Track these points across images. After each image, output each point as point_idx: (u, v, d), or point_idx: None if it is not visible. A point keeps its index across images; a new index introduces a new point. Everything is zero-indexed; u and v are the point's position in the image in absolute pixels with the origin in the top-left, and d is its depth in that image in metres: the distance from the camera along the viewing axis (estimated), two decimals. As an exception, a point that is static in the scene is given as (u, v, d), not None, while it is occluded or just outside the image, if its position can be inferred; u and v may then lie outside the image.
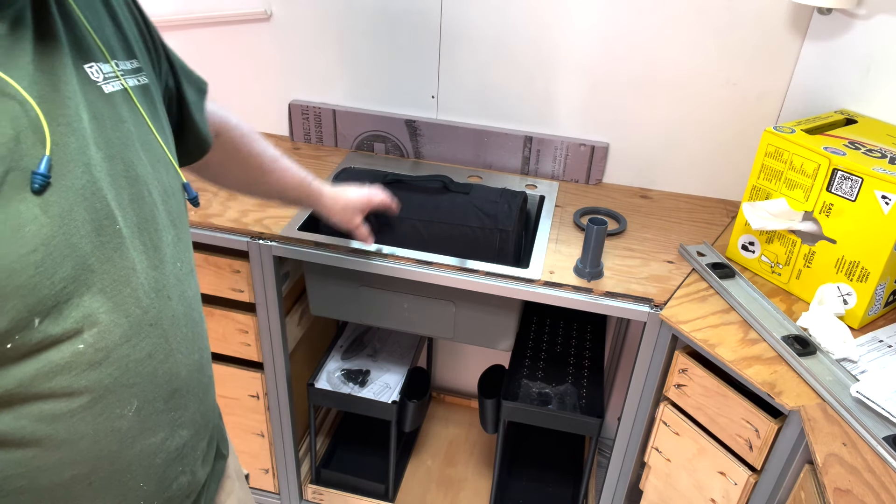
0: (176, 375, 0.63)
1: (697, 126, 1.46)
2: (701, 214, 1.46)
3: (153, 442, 0.62)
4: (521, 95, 1.52)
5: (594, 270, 1.20)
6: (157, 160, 0.63)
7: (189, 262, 0.68)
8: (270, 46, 1.59)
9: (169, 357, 0.62)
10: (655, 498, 1.26)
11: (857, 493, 0.80)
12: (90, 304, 0.54)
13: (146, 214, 0.60)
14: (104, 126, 0.56)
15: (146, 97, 0.64)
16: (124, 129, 0.59)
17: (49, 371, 0.52)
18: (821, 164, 1.08)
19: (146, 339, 0.59)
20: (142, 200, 0.59)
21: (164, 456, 0.64)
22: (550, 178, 1.58)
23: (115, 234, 0.56)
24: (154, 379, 0.61)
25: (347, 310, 1.40)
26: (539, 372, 1.53)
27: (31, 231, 0.48)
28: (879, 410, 0.90)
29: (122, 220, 0.57)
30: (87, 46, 0.58)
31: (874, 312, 1.12)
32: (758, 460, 1.03)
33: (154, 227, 0.61)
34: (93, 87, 0.57)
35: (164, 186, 0.63)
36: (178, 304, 0.64)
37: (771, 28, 1.33)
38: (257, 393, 1.49)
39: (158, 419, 0.62)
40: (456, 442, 1.89)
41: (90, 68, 0.57)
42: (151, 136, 0.63)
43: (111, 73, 0.59)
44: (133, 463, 0.61)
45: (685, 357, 1.11)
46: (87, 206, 0.53)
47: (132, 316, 0.57)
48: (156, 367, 0.60)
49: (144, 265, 0.59)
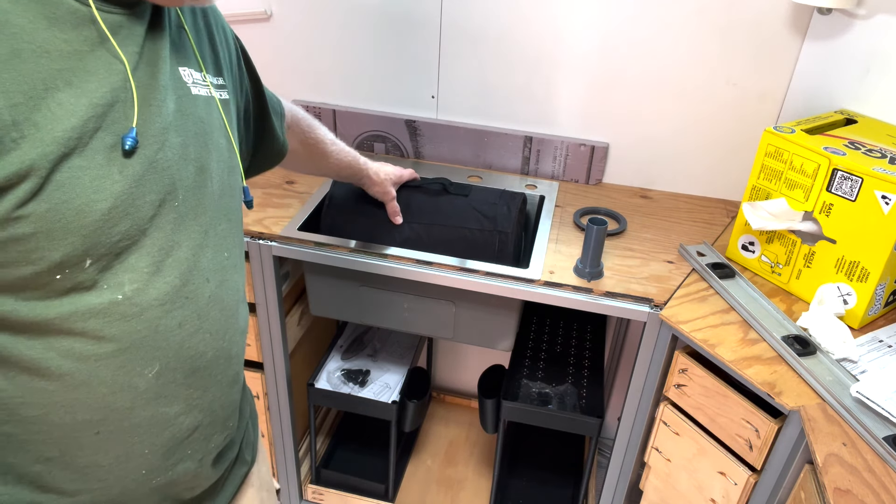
0: (201, 354, 0.66)
1: (697, 126, 1.46)
2: (701, 214, 1.46)
3: (166, 412, 0.64)
4: (521, 95, 1.52)
5: (594, 270, 1.20)
6: (224, 160, 0.69)
7: (237, 256, 0.72)
8: (270, 46, 1.59)
9: (197, 333, 0.65)
10: (655, 498, 1.26)
11: (857, 493, 0.80)
12: (137, 262, 0.58)
13: (205, 202, 0.65)
14: (186, 119, 0.63)
15: (226, 109, 0.71)
16: (202, 127, 0.65)
17: (86, 311, 0.56)
18: (821, 164, 1.08)
19: (179, 310, 0.62)
20: (203, 188, 0.65)
21: (175, 430, 0.66)
22: (550, 178, 1.58)
23: (173, 210, 0.61)
24: (179, 350, 0.63)
25: (347, 310, 1.40)
26: (539, 372, 1.53)
27: (106, 184, 0.54)
28: (879, 410, 0.90)
29: (182, 200, 0.62)
30: (186, 53, 0.66)
31: (874, 312, 1.12)
32: (758, 460, 1.03)
33: (210, 214, 0.66)
34: (182, 86, 0.64)
35: (226, 183, 0.69)
36: (218, 289, 0.67)
37: (771, 28, 1.33)
38: (257, 393, 1.49)
39: (176, 391, 0.64)
40: (456, 442, 1.89)
41: (184, 71, 0.64)
42: (224, 139, 0.69)
43: (201, 80, 0.67)
44: (142, 425, 0.63)
45: (685, 357, 1.11)
46: (156, 179, 0.58)
47: (172, 284, 0.61)
48: (183, 339, 0.63)
49: (193, 244, 0.64)
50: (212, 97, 0.68)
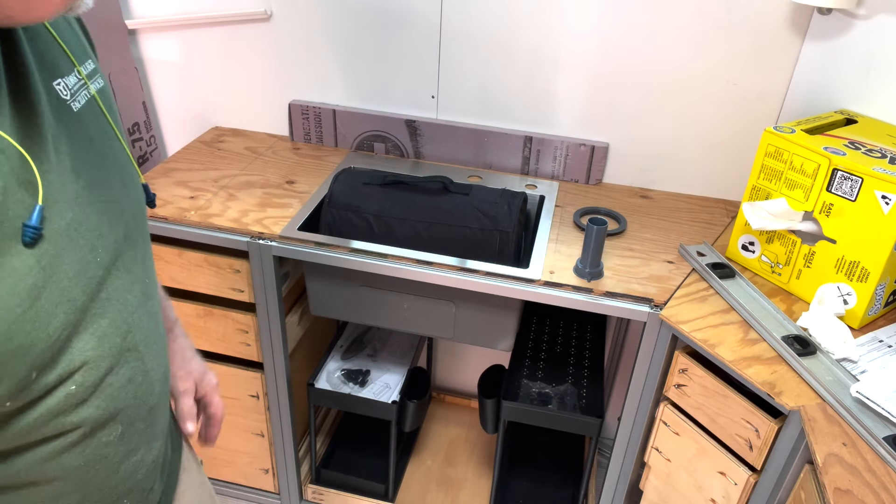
0: (151, 393, 0.63)
1: (697, 126, 1.46)
2: (701, 214, 1.46)
3: (135, 460, 0.63)
4: (521, 95, 1.52)
5: (594, 270, 1.20)
6: (124, 174, 0.61)
7: (153, 274, 0.66)
8: (270, 46, 1.59)
9: (146, 378, 0.62)
10: (655, 498, 1.26)
11: (857, 493, 0.80)
12: (80, 345, 0.52)
13: (120, 238, 0.58)
14: (79, 151, 0.53)
15: (106, 99, 0.62)
16: (96, 149, 0.56)
17: (44, 418, 0.51)
18: (821, 164, 1.08)
19: (126, 366, 0.58)
20: (118, 223, 0.57)
21: (144, 470, 0.65)
22: (550, 178, 1.58)
23: (98, 267, 0.54)
24: (135, 402, 0.60)
25: (347, 310, 1.40)
26: (539, 372, 1.53)
27: (25, 286, 0.45)
28: (879, 410, 0.90)
29: (102, 251, 0.54)
30: (53, 59, 0.54)
31: (874, 312, 1.12)
32: (758, 460, 1.03)
33: (127, 248, 0.59)
34: (64, 108, 0.53)
35: (133, 201, 0.62)
36: (149, 322, 0.63)
37: (771, 28, 1.33)
38: (257, 393, 1.49)
39: (139, 438, 0.63)
40: (456, 442, 1.89)
41: (58, 85, 0.54)
42: (117, 144, 0.61)
43: (77, 83, 0.56)
44: (119, 484, 0.62)
45: (685, 357, 1.11)
46: (72, 246, 0.50)
47: (114, 346, 0.56)
48: (136, 390, 0.60)
49: (120, 292, 0.57)
50: (91, 98, 0.58)
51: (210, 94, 1.69)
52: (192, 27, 1.59)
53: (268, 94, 1.66)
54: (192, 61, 1.64)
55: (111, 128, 0.60)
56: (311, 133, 1.66)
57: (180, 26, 1.60)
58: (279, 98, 1.66)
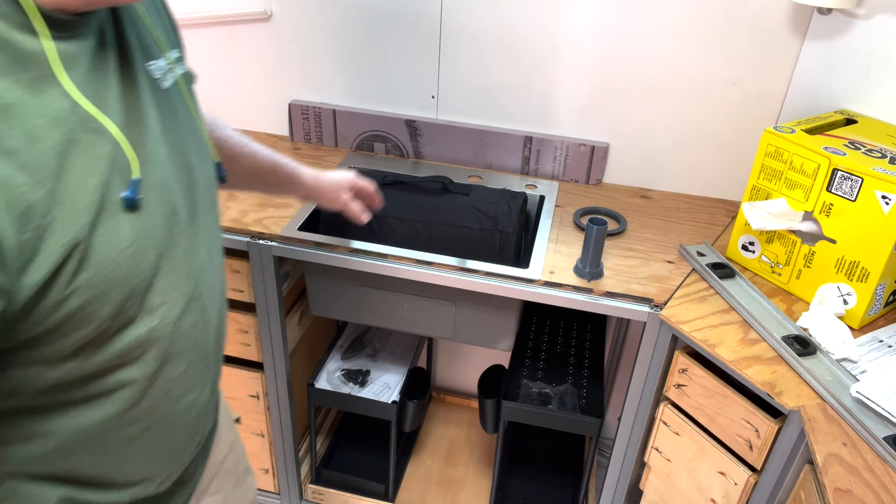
0: (209, 341, 0.71)
1: (697, 126, 1.46)
2: (701, 214, 1.46)
3: (191, 399, 0.71)
4: (521, 95, 1.52)
5: (594, 270, 1.20)
6: (200, 148, 0.69)
7: (219, 237, 0.75)
8: (270, 46, 1.59)
9: (206, 325, 0.70)
10: (655, 498, 1.26)
11: (857, 493, 0.80)
12: (162, 285, 0.61)
13: (196, 200, 0.67)
14: (167, 123, 0.63)
15: (188, 84, 0.70)
16: (180, 124, 0.65)
17: (131, 344, 0.60)
18: (821, 164, 1.08)
19: (193, 312, 0.67)
20: (194, 188, 0.66)
21: (197, 410, 0.73)
22: (550, 178, 1.58)
23: (178, 221, 0.63)
24: (196, 345, 0.69)
25: (347, 310, 1.40)
26: (539, 372, 1.53)
27: (126, 233, 0.55)
28: (879, 410, 0.90)
29: (181, 209, 0.63)
30: (148, 43, 0.63)
31: (874, 312, 1.12)
32: (758, 460, 1.03)
33: (201, 211, 0.68)
34: (156, 86, 0.62)
35: (206, 172, 0.70)
36: (213, 279, 0.71)
37: (771, 28, 1.33)
38: (257, 393, 1.49)
39: (196, 379, 0.71)
40: (456, 442, 1.89)
41: (151, 66, 0.62)
42: (195, 123, 0.69)
43: (165, 67, 0.65)
44: (178, 417, 0.70)
45: (685, 357, 1.11)
46: (160, 200, 0.60)
47: (185, 293, 0.65)
48: (197, 335, 0.68)
49: (193, 247, 0.66)
50: (176, 82, 0.67)
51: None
52: (192, 27, 1.59)
53: (268, 94, 1.66)
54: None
55: (191, 109, 0.69)
56: (311, 133, 1.66)
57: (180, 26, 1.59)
58: (279, 98, 1.66)
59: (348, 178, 1.14)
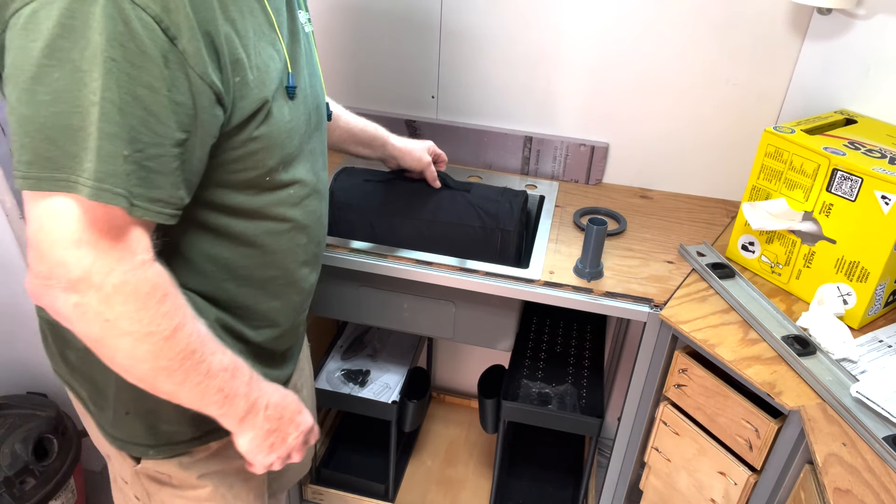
0: (320, 233, 0.91)
1: (697, 126, 1.46)
2: (701, 214, 1.46)
3: (306, 271, 0.90)
4: (521, 95, 1.52)
5: (594, 270, 1.20)
6: (320, 84, 0.90)
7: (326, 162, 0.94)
8: (270, 46, 1.59)
9: (322, 216, 0.90)
10: (655, 498, 1.26)
11: (857, 493, 0.80)
12: (299, 166, 0.81)
13: (320, 119, 0.88)
14: (308, 57, 0.84)
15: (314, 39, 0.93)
16: (312, 59, 0.87)
17: (277, 201, 0.79)
18: (821, 164, 1.09)
19: (315, 200, 0.86)
20: (319, 109, 0.87)
21: (307, 286, 0.92)
22: (550, 178, 1.58)
23: (309, 126, 0.82)
24: (314, 228, 0.88)
25: (347, 310, 1.40)
26: (539, 372, 1.53)
27: (286, 112, 0.75)
28: (879, 410, 0.90)
29: (313, 119, 0.84)
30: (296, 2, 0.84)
31: (874, 312, 1.12)
32: (758, 460, 1.03)
33: (321, 128, 0.89)
34: (301, 28, 0.83)
35: (323, 102, 0.91)
36: (324, 187, 0.90)
37: (771, 28, 1.33)
38: (257, 393, 1.49)
39: (310, 256, 0.89)
40: (456, 442, 1.89)
41: (300, 14, 0.84)
42: (318, 67, 0.91)
43: (305, 19, 0.86)
44: (297, 279, 0.88)
45: (685, 357, 1.12)
46: (304, 102, 0.80)
47: (311, 183, 0.85)
48: (317, 220, 0.88)
49: (318, 151, 0.87)
50: (310, 33, 0.88)
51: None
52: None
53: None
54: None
55: (315, 55, 0.90)
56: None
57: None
58: (279, 98, 1.66)
59: (428, 144, 1.33)
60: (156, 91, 0.60)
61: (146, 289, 0.64)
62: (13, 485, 1.35)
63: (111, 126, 0.58)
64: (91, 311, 0.62)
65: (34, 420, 1.45)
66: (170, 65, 0.60)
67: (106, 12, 0.56)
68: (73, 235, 0.59)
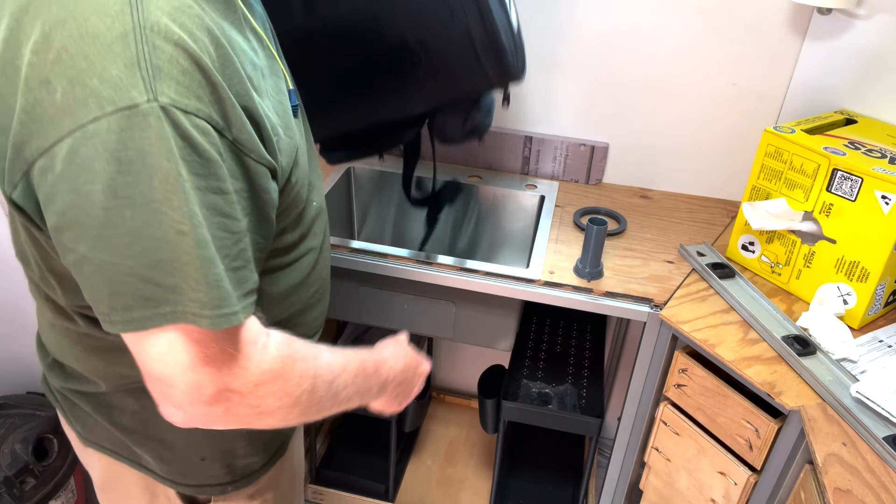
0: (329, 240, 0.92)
1: (697, 126, 1.46)
2: (701, 214, 1.46)
3: (328, 273, 0.91)
4: (521, 95, 1.52)
5: (594, 270, 1.20)
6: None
7: None
8: (270, 46, 1.58)
9: (326, 239, 0.89)
10: (655, 498, 1.26)
11: (857, 493, 0.80)
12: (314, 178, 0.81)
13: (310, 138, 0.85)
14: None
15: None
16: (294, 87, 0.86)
17: (311, 217, 0.80)
18: (821, 164, 1.09)
19: (322, 223, 0.86)
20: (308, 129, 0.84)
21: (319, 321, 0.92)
22: (550, 178, 1.58)
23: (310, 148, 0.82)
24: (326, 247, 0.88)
25: (347, 310, 1.40)
26: (539, 372, 1.53)
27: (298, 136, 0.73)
28: (879, 410, 0.90)
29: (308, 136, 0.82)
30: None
31: (874, 312, 1.12)
32: (758, 460, 1.03)
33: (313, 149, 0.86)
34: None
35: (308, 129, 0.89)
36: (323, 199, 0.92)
37: (771, 28, 1.33)
38: (257, 393, 1.49)
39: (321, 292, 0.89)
40: (456, 442, 1.89)
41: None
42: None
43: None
44: (327, 287, 0.91)
45: (685, 357, 1.11)
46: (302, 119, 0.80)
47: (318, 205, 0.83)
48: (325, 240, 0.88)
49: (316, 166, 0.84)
50: None
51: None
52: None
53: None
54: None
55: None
56: (311, 133, 1.66)
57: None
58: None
59: None
60: (225, 192, 0.57)
61: (279, 367, 0.63)
62: (13, 485, 1.35)
63: (207, 251, 0.55)
64: (241, 409, 0.62)
65: (34, 420, 1.45)
66: (225, 159, 0.57)
67: (162, 134, 0.52)
68: (198, 358, 0.58)
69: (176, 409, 0.60)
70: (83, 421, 0.83)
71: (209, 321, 0.56)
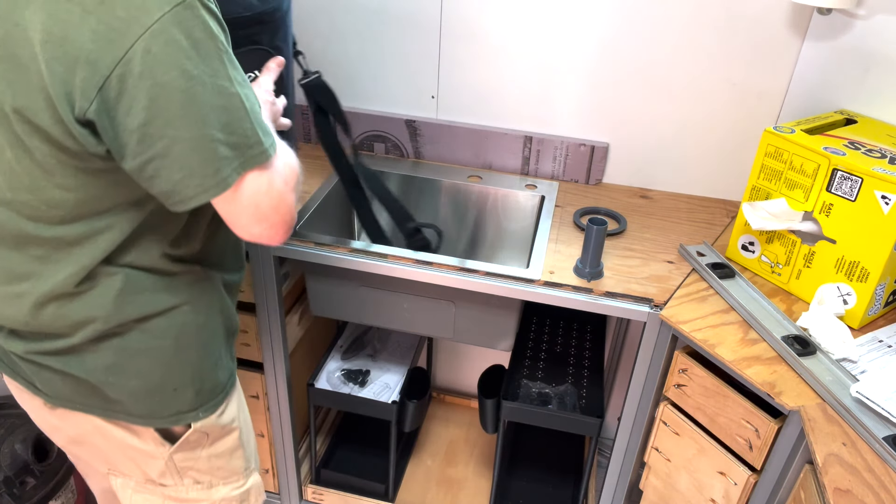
0: None
1: (697, 126, 1.46)
2: (701, 214, 1.46)
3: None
4: (521, 95, 1.52)
5: (594, 270, 1.20)
6: None
7: None
8: (270, 46, 1.59)
9: None
10: (655, 498, 1.26)
11: (857, 493, 0.80)
12: None
13: None
14: None
15: None
16: None
17: None
18: (821, 164, 1.09)
19: None
20: None
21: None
22: (550, 178, 1.58)
23: None
24: None
25: (347, 310, 1.40)
26: (539, 372, 1.53)
27: None
28: (879, 410, 0.90)
29: None
30: None
31: (874, 312, 1.12)
32: (758, 460, 1.03)
33: None
34: None
35: None
36: None
37: (771, 28, 1.33)
38: (257, 393, 1.49)
39: None
40: (456, 442, 1.89)
41: None
42: None
43: None
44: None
45: (685, 357, 1.11)
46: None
47: None
48: None
49: None
50: None
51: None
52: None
53: (268, 94, 1.66)
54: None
55: None
56: (310, 133, 1.66)
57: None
58: (279, 98, 1.66)
59: None
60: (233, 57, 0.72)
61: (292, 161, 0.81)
62: (13, 485, 1.35)
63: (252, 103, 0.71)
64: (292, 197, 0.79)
65: (34, 420, 1.45)
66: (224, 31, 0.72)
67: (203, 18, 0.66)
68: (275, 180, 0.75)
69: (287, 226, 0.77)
70: (50, 382, 0.85)
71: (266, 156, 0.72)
